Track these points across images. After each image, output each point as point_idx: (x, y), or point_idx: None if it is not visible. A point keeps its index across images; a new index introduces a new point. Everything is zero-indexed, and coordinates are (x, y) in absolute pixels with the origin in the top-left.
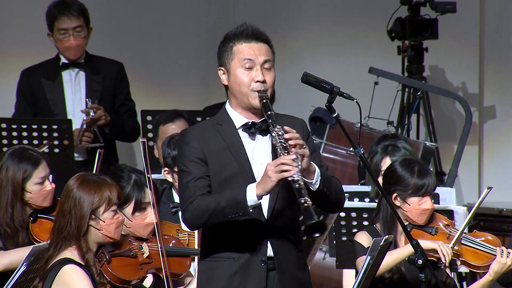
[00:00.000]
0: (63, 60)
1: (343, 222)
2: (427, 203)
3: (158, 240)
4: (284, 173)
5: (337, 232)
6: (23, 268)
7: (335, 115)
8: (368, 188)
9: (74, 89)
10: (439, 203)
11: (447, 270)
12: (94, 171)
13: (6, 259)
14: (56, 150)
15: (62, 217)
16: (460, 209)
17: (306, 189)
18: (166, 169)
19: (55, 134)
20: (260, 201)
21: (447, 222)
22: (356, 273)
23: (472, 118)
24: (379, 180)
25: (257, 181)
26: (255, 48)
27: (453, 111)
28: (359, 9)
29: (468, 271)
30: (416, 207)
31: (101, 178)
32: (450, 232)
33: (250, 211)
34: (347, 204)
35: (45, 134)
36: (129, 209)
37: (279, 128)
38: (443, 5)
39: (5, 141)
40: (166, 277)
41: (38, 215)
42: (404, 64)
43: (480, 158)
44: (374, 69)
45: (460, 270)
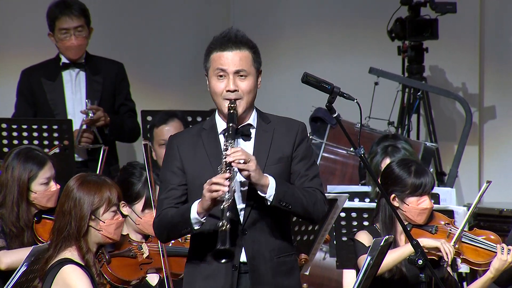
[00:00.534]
0: (64, 60)
1: (343, 222)
2: (425, 202)
3: (158, 240)
4: (214, 193)
5: (337, 232)
6: (24, 268)
7: (335, 115)
8: (368, 189)
9: (74, 89)
10: (439, 203)
11: (449, 268)
12: (98, 169)
13: (9, 258)
14: (56, 150)
15: (62, 217)
16: (460, 209)
17: (231, 211)
18: None
19: (55, 134)
20: (203, 219)
21: (447, 220)
22: (357, 272)
23: (472, 118)
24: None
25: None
26: (229, 57)
27: (453, 111)
28: (359, 9)
29: (469, 271)
30: (414, 207)
31: (101, 179)
32: (450, 230)
33: (196, 228)
34: (347, 204)
35: (45, 134)
36: (139, 206)
37: (231, 142)
38: (443, 5)
39: (5, 141)
40: (166, 277)
41: (42, 215)
42: (404, 64)
43: (480, 158)
44: (374, 69)
45: (460, 270)
